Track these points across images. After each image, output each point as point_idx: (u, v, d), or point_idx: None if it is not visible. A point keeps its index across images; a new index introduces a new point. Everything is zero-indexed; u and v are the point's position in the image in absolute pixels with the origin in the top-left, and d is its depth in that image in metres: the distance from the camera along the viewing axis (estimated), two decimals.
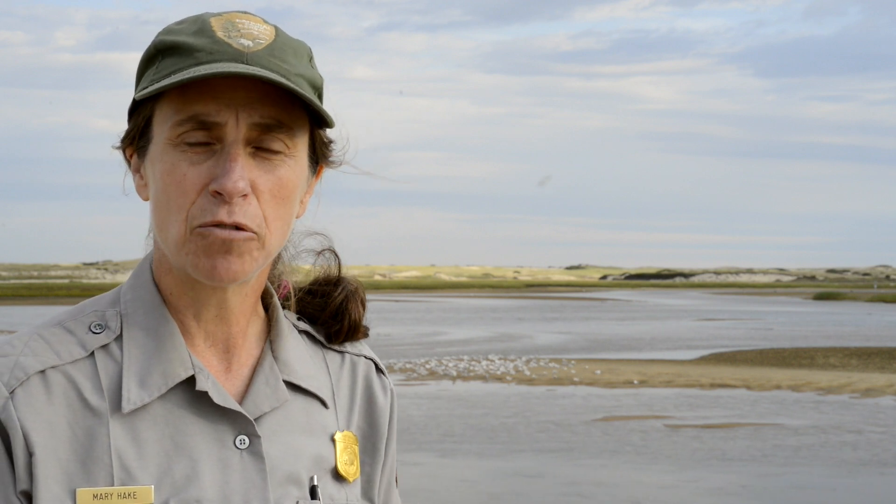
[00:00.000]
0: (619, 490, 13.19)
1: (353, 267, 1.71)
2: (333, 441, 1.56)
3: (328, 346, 1.64)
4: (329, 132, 1.56)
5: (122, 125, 1.55)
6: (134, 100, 1.48)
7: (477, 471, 14.30)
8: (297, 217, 1.54)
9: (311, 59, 1.51)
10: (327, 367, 1.62)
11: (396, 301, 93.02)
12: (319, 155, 1.54)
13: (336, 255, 1.70)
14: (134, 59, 1.53)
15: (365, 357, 1.67)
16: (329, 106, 1.52)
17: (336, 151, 1.57)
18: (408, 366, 28.17)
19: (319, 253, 1.69)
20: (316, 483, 1.52)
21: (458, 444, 16.40)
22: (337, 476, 1.55)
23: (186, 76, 1.39)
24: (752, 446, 16.26)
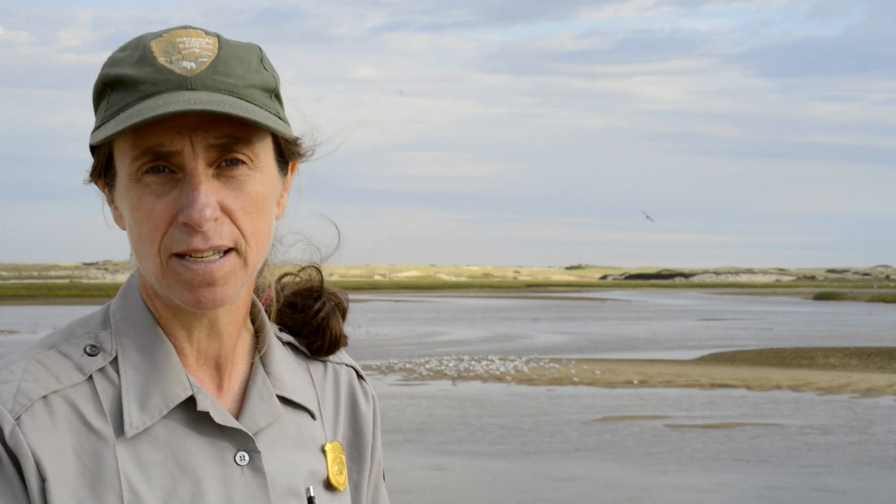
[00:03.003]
0: (658, 493, 13.21)
1: (354, 267, 1.71)
2: (324, 452, 1.58)
3: (310, 356, 1.66)
4: (295, 123, 1.54)
5: None
6: (90, 144, 1.48)
7: (509, 472, 14.32)
8: (277, 218, 1.54)
9: (262, 59, 1.49)
10: (311, 378, 1.63)
11: (396, 301, 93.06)
12: (287, 155, 1.53)
13: (318, 269, 1.69)
14: None
15: (346, 365, 1.69)
16: (332, 105, 1.51)
17: (303, 145, 1.55)
18: (408, 366, 28.18)
19: (302, 269, 1.69)
20: (312, 494, 1.54)
21: (480, 445, 16.41)
22: (329, 486, 1.57)
23: (131, 121, 1.38)
24: (777, 447, 16.30)
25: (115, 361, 1.48)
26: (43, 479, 1.40)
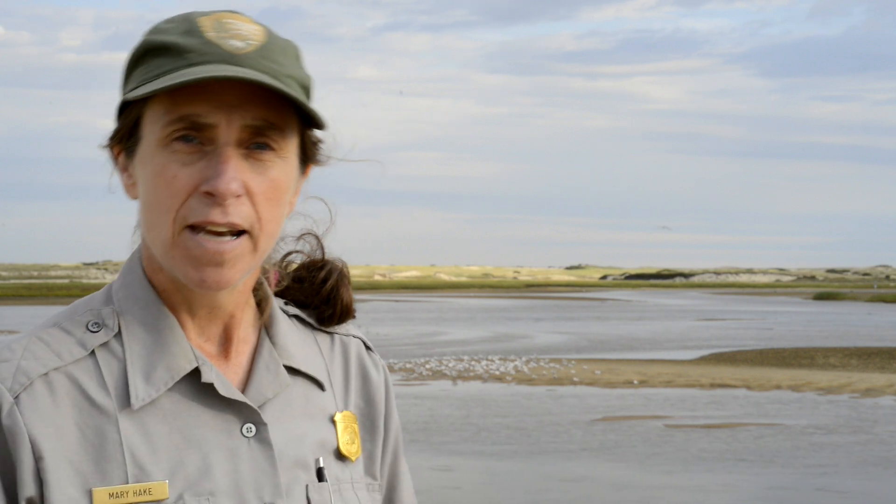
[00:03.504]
0: (664, 493, 13.21)
1: (354, 267, 1.72)
2: (334, 422, 1.58)
3: (318, 328, 1.66)
4: (317, 130, 1.56)
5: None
6: (124, 100, 1.47)
7: (516, 473, 14.31)
8: (286, 217, 1.55)
9: (298, 58, 1.50)
10: (320, 349, 1.63)
11: (396, 301, 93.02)
12: (309, 155, 1.54)
13: (317, 237, 1.69)
14: None
15: (354, 336, 1.69)
16: (332, 105, 1.52)
17: (323, 150, 1.56)
18: (408, 366, 28.17)
19: (300, 238, 1.69)
20: (322, 465, 1.53)
21: (485, 445, 16.44)
22: (340, 456, 1.57)
23: (181, 79, 1.38)
24: (782, 447, 16.30)
25: (118, 336, 1.48)
26: (39, 459, 1.39)
